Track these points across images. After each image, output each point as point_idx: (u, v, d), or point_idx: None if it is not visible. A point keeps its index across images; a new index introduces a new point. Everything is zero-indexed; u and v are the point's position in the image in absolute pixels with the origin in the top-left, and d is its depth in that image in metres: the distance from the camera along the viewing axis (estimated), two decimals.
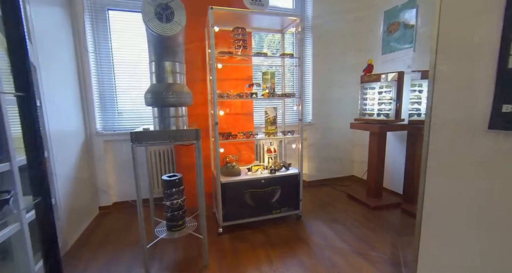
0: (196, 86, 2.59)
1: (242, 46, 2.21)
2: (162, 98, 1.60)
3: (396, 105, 2.44)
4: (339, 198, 2.96)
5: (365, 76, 2.70)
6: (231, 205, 2.20)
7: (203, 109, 2.63)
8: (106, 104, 2.68)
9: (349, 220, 2.41)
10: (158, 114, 1.69)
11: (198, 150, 1.64)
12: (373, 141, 2.70)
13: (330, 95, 3.37)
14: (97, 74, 2.60)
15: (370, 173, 2.78)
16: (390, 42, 2.89)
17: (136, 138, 1.52)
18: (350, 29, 3.31)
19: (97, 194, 2.69)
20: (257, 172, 2.36)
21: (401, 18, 2.73)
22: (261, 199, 2.29)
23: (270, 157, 2.58)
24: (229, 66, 2.61)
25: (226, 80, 2.65)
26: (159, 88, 1.62)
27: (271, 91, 2.36)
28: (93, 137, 2.62)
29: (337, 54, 3.31)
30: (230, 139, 2.19)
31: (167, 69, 1.62)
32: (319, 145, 3.40)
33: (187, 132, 1.62)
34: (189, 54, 2.53)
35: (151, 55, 1.62)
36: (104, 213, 2.68)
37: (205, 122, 2.65)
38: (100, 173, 2.68)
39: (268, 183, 2.29)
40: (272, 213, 2.35)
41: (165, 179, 1.78)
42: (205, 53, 2.49)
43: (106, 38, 2.58)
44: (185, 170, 2.66)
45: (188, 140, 1.61)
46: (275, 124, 2.47)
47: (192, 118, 2.60)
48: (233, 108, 2.71)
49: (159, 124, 1.69)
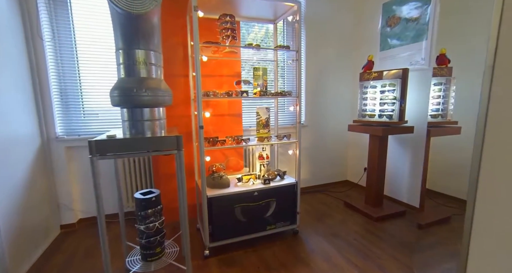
0: (178, 84, 2.24)
1: (230, 36, 1.89)
2: (133, 96, 1.25)
3: (401, 105, 2.23)
4: (336, 207, 2.72)
5: (365, 73, 2.48)
6: (219, 222, 1.88)
7: (185, 110, 2.29)
8: (69, 104, 2.26)
9: (351, 233, 2.17)
10: (128, 116, 1.34)
11: (180, 162, 1.31)
12: (374, 144, 2.48)
13: (325, 94, 3.13)
14: (56, 68, 2.18)
15: (370, 179, 2.56)
16: (390, 37, 2.69)
17: (97, 149, 1.16)
18: (346, 23, 3.09)
19: (58, 210, 2.27)
20: (248, 183, 2.06)
21: (403, 11, 2.53)
22: (254, 214, 1.99)
23: (262, 164, 2.28)
24: (215, 62, 2.29)
25: (212, 77, 2.32)
26: (128, 84, 1.27)
27: (264, 89, 2.06)
28: (52, 143, 2.19)
29: (332, 50, 3.08)
30: (218, 145, 1.87)
31: (139, 59, 1.27)
32: (312, 148, 3.16)
33: (165, 140, 1.28)
34: (169, 47, 2.18)
35: (118, 42, 1.27)
36: (67, 232, 2.26)
37: (188, 125, 2.30)
38: (62, 185, 2.25)
39: (262, 195, 2.00)
40: (266, 229, 2.06)
41: (138, 197, 1.43)
42: (188, 46, 2.15)
43: (66, 24, 2.16)
44: (165, 180, 2.31)
45: (166, 150, 1.28)
46: (267, 127, 2.18)
47: (173, 120, 2.25)
48: (220, 109, 2.38)
49: (129, 129, 1.34)
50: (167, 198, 2.34)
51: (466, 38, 2.51)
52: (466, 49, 2.50)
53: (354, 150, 3.32)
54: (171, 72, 2.21)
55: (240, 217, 1.95)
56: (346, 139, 3.35)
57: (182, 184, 1.31)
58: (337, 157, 3.35)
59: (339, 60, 3.13)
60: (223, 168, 2.14)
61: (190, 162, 2.35)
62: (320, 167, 3.25)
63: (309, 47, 2.95)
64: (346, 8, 3.09)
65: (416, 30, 2.40)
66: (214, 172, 2.09)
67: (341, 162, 3.40)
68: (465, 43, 2.51)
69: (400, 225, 2.30)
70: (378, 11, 2.79)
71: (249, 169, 2.67)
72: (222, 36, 1.93)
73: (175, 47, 2.20)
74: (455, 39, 2.56)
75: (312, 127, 3.11)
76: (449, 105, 2.27)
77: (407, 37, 2.50)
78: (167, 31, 2.15)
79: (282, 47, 1.98)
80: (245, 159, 2.67)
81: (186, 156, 2.34)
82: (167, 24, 2.14)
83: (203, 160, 1.76)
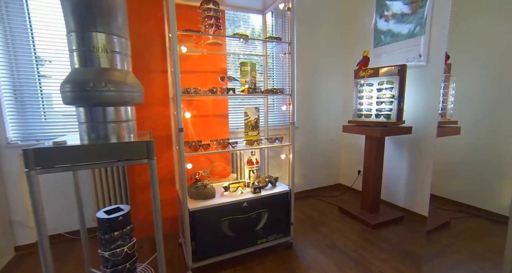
0: (155, 80, 1.97)
1: (214, 25, 1.65)
2: (90, 91, 0.99)
3: (399, 104, 2.08)
4: (330, 214, 2.54)
5: (360, 70, 2.32)
6: (203, 238, 1.63)
7: (165, 110, 2.02)
8: (26, 105, 1.92)
9: (349, 244, 1.99)
10: (86, 117, 1.06)
11: (152, 173, 1.05)
12: (371, 146, 2.32)
13: (316, 93, 2.95)
14: (8, 61, 1.84)
15: (366, 183, 2.40)
16: (383, 33, 2.55)
17: (37, 160, 0.89)
18: (337, 18, 2.93)
19: (11, 229, 1.92)
20: (236, 192, 1.82)
21: (398, 4, 2.40)
22: (243, 227, 1.76)
23: (251, 170, 2.05)
24: (197, 56, 2.04)
25: (194, 73, 2.07)
26: (84, 76, 1.00)
27: (252, 87, 1.84)
28: (2, 150, 1.85)
29: (323, 46, 2.91)
30: (201, 150, 1.62)
31: (98, 45, 1.01)
32: (304, 150, 2.97)
33: (132, 146, 1.02)
34: (144, 38, 1.91)
35: (69, 22, 1.00)
36: (22, 255, 1.92)
37: (168, 128, 2.04)
38: (16, 200, 1.91)
39: (252, 206, 1.77)
40: (257, 244, 1.83)
41: (101, 217, 1.16)
42: (165, 37, 1.89)
43: (20, 13, 1.84)
44: (142, 189, 2.03)
45: (135, 160, 1.02)
46: (257, 129, 1.95)
47: (149, 122, 1.98)
48: (203, 109, 2.13)
49: (87, 133, 1.07)
50: (145, 211, 2.06)
51: (465, 31, 2.41)
52: (465, 44, 2.40)
53: (347, 151, 3.16)
54: (147, 67, 1.94)
55: (228, 231, 1.71)
56: (339, 140, 3.19)
57: (155, 201, 1.05)
58: (330, 160, 3.18)
59: (331, 56, 2.97)
60: (208, 176, 1.89)
61: (171, 168, 2.08)
62: (311, 170, 3.06)
63: (299, 43, 2.76)
64: (338, 1, 2.93)
65: (413, 25, 2.27)
66: (198, 180, 1.84)
67: (334, 165, 3.23)
68: (466, 37, 2.41)
69: (399, 232, 2.14)
70: (372, 4, 2.65)
71: (237, 175, 2.43)
72: (205, 26, 1.68)
73: (151, 38, 1.93)
74: (452, 33, 2.45)
75: (303, 128, 2.92)
76: (448, 104, 2.15)
77: (403, 32, 2.36)
78: (141, 19, 1.88)
79: (273, 39, 1.76)
80: (232, 165, 2.43)
81: (166, 162, 2.07)
82: (142, 11, 1.87)
83: (184, 167, 1.50)
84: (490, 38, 1.94)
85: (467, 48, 2.04)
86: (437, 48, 2.13)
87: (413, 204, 2.41)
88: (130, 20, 1.84)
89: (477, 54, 1.98)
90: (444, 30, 2.06)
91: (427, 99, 2.23)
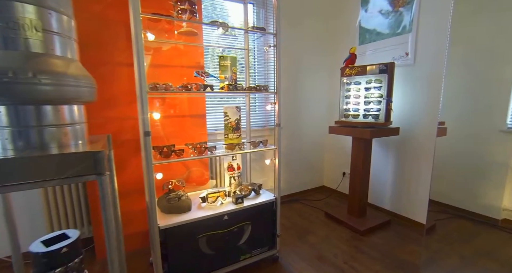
0: (120, 75, 1.69)
1: (188, 10, 1.41)
2: (10, 84, 0.72)
3: (388, 104, 1.98)
4: (317, 220, 2.40)
5: (347, 68, 2.19)
6: (177, 259, 1.39)
7: (133, 109, 1.74)
8: None
9: (339, 254, 1.84)
10: (10, 120, 0.79)
11: (104, 194, 0.80)
12: (358, 148, 2.20)
13: (299, 91, 2.79)
14: None
15: (354, 187, 2.29)
16: (368, 31, 2.45)
17: None
18: (322, 13, 2.80)
19: None
20: (216, 203, 1.60)
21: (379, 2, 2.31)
22: (224, 243, 1.54)
23: (232, 177, 1.84)
24: (170, 48, 1.78)
25: (166, 68, 1.81)
26: (4, 62, 0.73)
27: (233, 83, 1.62)
28: None
29: (306, 42, 2.76)
30: (173, 157, 1.37)
31: (25, 20, 0.74)
32: (287, 153, 2.80)
33: (72, 159, 0.76)
34: (108, 24, 1.62)
35: None
36: None
37: (136, 130, 1.76)
38: None
39: (234, 218, 1.55)
40: (239, 260, 1.62)
41: (35, 252, 0.88)
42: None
43: None
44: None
45: (77, 177, 0.76)
46: (238, 131, 1.75)
47: (113, 124, 1.69)
48: (178, 108, 1.88)
49: (12, 142, 0.80)
50: None
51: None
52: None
53: (331, 153, 3.05)
54: (112, 59, 1.65)
55: (206, 249, 1.49)
56: (323, 141, 3.07)
57: (109, 232, 0.80)
58: (314, 162, 3.05)
59: (315, 52, 2.83)
60: (183, 185, 1.65)
61: (140, 177, 1.80)
62: (295, 173, 2.91)
63: (281, 38, 2.58)
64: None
65: (397, 23, 2.19)
66: (171, 191, 1.59)
67: (318, 167, 3.10)
68: None
69: (389, 239, 2.04)
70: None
71: (216, 182, 2.20)
72: (177, 11, 1.44)
73: (116, 24, 1.64)
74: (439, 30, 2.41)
75: (286, 128, 2.75)
76: None
77: (388, 30, 2.27)
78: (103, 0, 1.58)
79: (257, 29, 1.56)
80: (211, 170, 2.19)
81: (135, 170, 1.79)
82: None
83: (152, 179, 1.25)
84: (470, 39, 1.92)
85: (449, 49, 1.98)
86: (425, 46, 2.05)
87: (400, 207, 2.34)
88: (88, 0, 1.55)
89: (457, 55, 1.93)
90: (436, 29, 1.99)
91: (415, 99, 2.15)
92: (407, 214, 2.29)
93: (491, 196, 1.97)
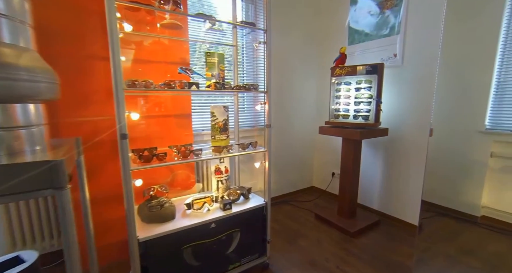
0: (95, 70, 1.53)
1: (171, 1, 1.29)
2: None
3: (378, 105, 1.95)
4: (307, 221, 2.34)
5: (337, 68, 2.14)
6: (159, 272, 1.28)
7: (111, 108, 1.59)
8: None
9: (331, 258, 1.79)
10: None
11: (65, 211, 0.68)
12: (348, 149, 2.16)
13: (288, 91, 2.72)
14: None
15: (343, 187, 2.25)
16: (357, 31, 2.42)
17: None
18: (311, 12, 2.74)
19: None
20: (202, 210, 1.49)
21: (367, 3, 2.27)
22: (211, 253, 1.44)
23: (220, 181, 1.73)
24: (152, 42, 1.65)
25: (149, 64, 1.67)
26: None
27: (220, 81, 1.52)
28: None
29: (296, 41, 2.69)
30: (154, 162, 1.25)
31: None
32: (276, 154, 2.73)
33: (15, 171, 0.63)
34: (80, 13, 1.46)
35: None
36: None
37: (113, 131, 1.61)
38: None
39: (221, 226, 1.45)
40: (228, 270, 1.52)
41: None
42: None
43: None
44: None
45: (28, 192, 0.63)
46: (226, 132, 1.64)
47: (88, 124, 1.54)
48: (162, 107, 1.75)
49: None
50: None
51: None
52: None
53: (320, 153, 3.01)
54: (86, 52, 1.49)
55: (192, 260, 1.38)
56: (312, 141, 3.03)
57: (71, 259, 0.68)
58: (303, 162, 2.99)
59: (304, 52, 2.77)
60: (166, 191, 1.52)
61: (118, 182, 1.65)
62: (284, 173, 2.84)
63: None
64: None
65: (386, 24, 2.16)
66: (153, 197, 1.47)
67: (307, 167, 3.06)
68: None
69: (379, 240, 2.02)
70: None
71: (203, 185, 2.08)
72: (159, 0, 1.31)
73: (93, 14, 1.48)
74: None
75: (276, 129, 2.67)
76: None
77: (376, 32, 2.25)
78: None
79: (246, 24, 1.46)
80: (197, 172, 2.07)
81: (112, 174, 1.64)
82: None
83: (130, 187, 1.13)
84: (448, 39, 1.94)
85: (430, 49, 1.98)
86: (413, 48, 2.04)
87: (389, 207, 2.34)
88: None
89: (436, 55, 1.94)
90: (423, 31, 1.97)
91: (403, 100, 2.14)
92: (395, 214, 2.29)
93: (472, 194, 2.01)
